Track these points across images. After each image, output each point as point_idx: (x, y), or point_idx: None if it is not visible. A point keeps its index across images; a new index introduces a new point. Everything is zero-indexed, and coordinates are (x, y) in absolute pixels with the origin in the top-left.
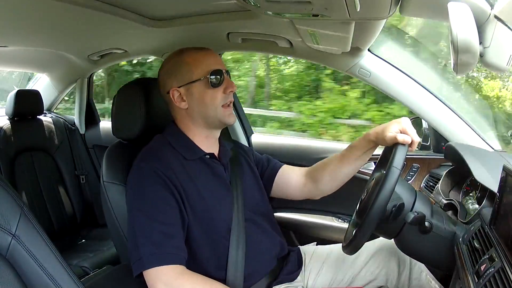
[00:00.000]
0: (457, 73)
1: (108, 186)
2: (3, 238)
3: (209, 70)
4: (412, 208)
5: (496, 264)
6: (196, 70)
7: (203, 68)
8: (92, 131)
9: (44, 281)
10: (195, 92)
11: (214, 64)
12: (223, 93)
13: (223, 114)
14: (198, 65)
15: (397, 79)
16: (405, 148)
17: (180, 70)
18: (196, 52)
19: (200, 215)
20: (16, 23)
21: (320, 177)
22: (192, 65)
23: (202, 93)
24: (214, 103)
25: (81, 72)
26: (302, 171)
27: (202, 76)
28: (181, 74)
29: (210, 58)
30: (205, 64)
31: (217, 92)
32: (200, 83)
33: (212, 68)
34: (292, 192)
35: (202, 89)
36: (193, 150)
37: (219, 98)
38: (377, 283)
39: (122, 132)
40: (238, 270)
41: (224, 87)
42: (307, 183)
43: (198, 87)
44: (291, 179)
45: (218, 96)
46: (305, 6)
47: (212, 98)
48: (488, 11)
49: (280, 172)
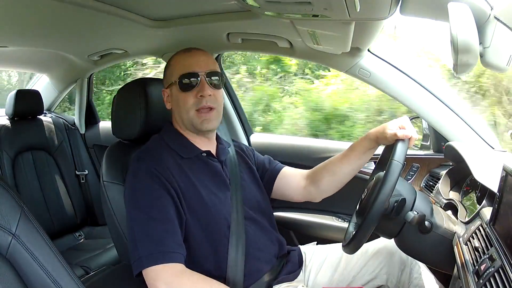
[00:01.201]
0: (457, 73)
1: (108, 186)
2: (3, 238)
3: (180, 73)
4: (412, 207)
5: (496, 263)
6: (173, 72)
7: (177, 70)
8: (92, 131)
9: (44, 280)
10: (173, 94)
11: (189, 65)
12: (194, 97)
13: (195, 118)
14: (176, 67)
15: (397, 79)
16: (405, 143)
17: (166, 71)
18: (181, 53)
19: (198, 213)
20: (16, 23)
21: (321, 177)
22: (173, 67)
23: (177, 96)
24: (185, 107)
25: (81, 72)
26: (302, 173)
27: (175, 79)
28: (166, 76)
29: (188, 59)
30: (181, 66)
31: (188, 95)
32: (174, 85)
33: (185, 70)
34: (292, 194)
35: (176, 91)
36: (189, 148)
37: (190, 102)
38: (377, 282)
39: (122, 132)
40: (238, 269)
41: (196, 90)
42: (307, 185)
43: (174, 89)
44: (291, 182)
45: (189, 100)
46: (305, 6)
47: (183, 101)
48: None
49: (280, 175)
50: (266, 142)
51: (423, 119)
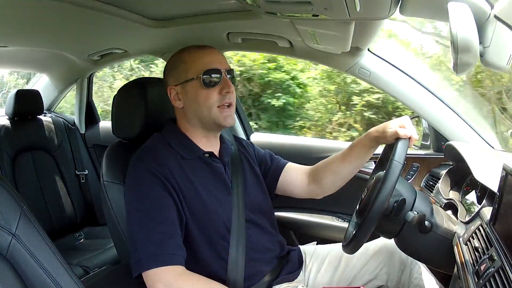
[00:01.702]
0: (457, 73)
1: (108, 186)
2: (3, 238)
3: (203, 69)
4: (412, 207)
5: (496, 263)
6: (191, 68)
7: (198, 67)
8: (92, 131)
9: (44, 280)
10: (190, 91)
11: (211, 63)
12: (218, 94)
13: (218, 115)
14: (194, 64)
15: (397, 78)
16: (406, 143)
17: (177, 68)
18: (196, 50)
19: (199, 215)
20: (16, 23)
21: (323, 176)
22: (188, 64)
23: (196, 93)
24: (207, 103)
25: (81, 72)
26: (305, 169)
27: (196, 75)
28: (178, 73)
29: (208, 57)
30: (201, 62)
31: (212, 92)
32: (194, 82)
33: (208, 67)
34: (296, 190)
35: (196, 88)
36: (191, 149)
37: (214, 99)
38: (377, 282)
39: (122, 132)
40: (238, 270)
41: (220, 87)
42: (310, 183)
43: (193, 86)
44: (295, 178)
45: (213, 96)
46: (305, 6)
47: (205, 98)
48: (488, 11)
49: (285, 171)
50: (266, 142)
51: (423, 118)
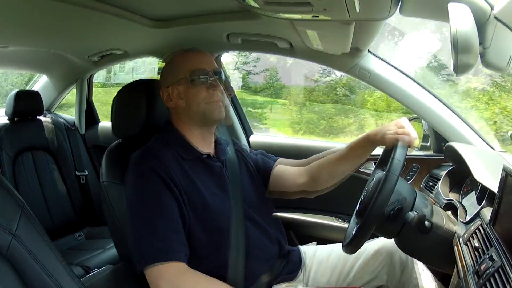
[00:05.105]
0: (457, 74)
1: (108, 186)
2: (4, 238)
3: (191, 69)
4: (412, 207)
5: (496, 263)
6: (179, 70)
7: (185, 68)
8: (92, 132)
9: (44, 280)
10: (180, 92)
11: (198, 63)
12: (206, 92)
13: (208, 108)
14: (182, 65)
15: (397, 79)
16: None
17: (168, 71)
18: (185, 52)
19: (200, 213)
20: (16, 23)
21: (318, 174)
22: (177, 66)
23: (185, 92)
24: (196, 100)
25: (81, 73)
26: (298, 163)
27: (184, 76)
28: (168, 75)
29: (195, 58)
30: (189, 63)
31: (199, 90)
32: (182, 82)
33: (195, 67)
34: (288, 187)
35: (184, 88)
36: (190, 150)
37: (202, 96)
38: (377, 282)
39: (122, 132)
40: (238, 268)
41: (207, 85)
42: (304, 180)
43: (182, 86)
44: (287, 174)
45: (201, 94)
46: (305, 7)
47: (194, 95)
48: (488, 11)
49: (276, 167)
50: (266, 143)
51: (423, 119)
